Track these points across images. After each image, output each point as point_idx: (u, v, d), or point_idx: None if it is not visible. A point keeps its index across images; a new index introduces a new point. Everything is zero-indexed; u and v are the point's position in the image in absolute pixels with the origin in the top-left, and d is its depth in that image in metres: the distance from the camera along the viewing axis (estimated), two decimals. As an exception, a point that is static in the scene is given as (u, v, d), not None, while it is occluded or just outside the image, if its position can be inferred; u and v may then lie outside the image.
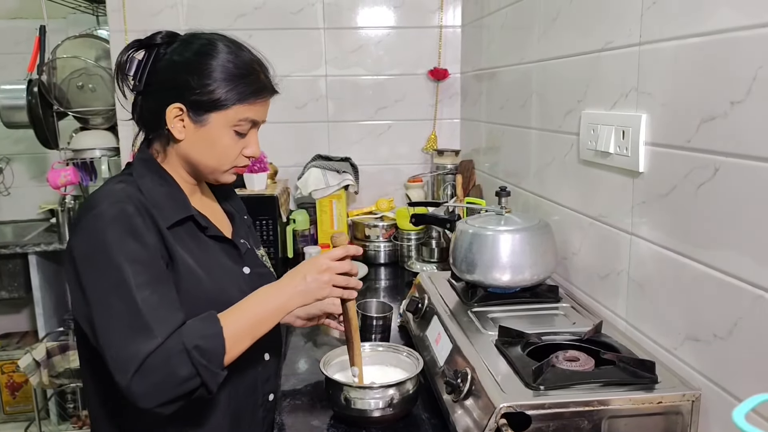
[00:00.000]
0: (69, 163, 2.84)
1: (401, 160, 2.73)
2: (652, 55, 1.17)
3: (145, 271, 1.02)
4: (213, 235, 1.19)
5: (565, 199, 1.58)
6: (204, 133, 1.12)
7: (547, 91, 1.69)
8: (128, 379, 0.95)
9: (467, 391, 1.08)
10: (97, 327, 1.00)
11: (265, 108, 1.18)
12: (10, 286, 3.00)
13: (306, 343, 1.63)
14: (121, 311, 0.98)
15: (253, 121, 1.16)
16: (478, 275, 1.43)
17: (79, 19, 3.17)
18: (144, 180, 1.13)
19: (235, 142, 1.15)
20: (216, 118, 1.12)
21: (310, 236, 2.49)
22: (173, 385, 0.97)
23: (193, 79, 1.10)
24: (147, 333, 0.97)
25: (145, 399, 0.96)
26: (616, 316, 1.34)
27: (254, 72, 1.14)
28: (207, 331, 1.01)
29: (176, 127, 1.12)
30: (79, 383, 2.87)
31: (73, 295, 1.06)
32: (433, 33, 2.64)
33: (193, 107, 1.11)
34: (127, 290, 0.99)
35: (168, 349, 0.97)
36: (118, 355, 0.97)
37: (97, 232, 1.02)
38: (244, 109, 1.13)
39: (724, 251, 1.00)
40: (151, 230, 1.06)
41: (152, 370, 0.96)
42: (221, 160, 1.16)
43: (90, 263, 1.02)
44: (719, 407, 1.01)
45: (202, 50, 1.12)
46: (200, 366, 0.98)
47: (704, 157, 1.03)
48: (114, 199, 1.06)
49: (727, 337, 0.99)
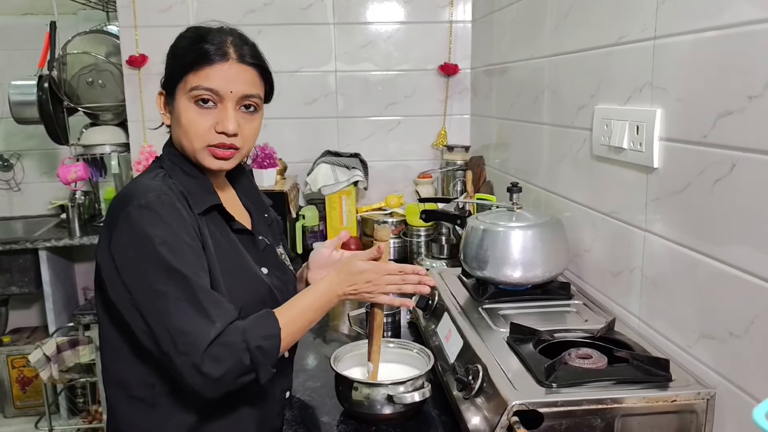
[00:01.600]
0: (79, 159, 2.85)
1: (411, 156, 2.72)
2: (667, 50, 1.16)
3: (194, 258, 1.05)
4: (237, 228, 1.20)
5: (578, 196, 1.57)
6: (175, 111, 1.15)
7: (560, 87, 1.67)
8: (197, 362, 0.97)
9: (478, 389, 1.07)
10: (151, 315, 1.01)
11: (223, 75, 1.12)
12: (20, 282, 3.01)
13: (316, 339, 1.62)
14: (178, 297, 1.00)
15: (209, 89, 1.12)
16: (489, 272, 1.42)
17: (90, 15, 3.17)
18: (174, 171, 1.16)
19: (200, 116, 1.13)
20: (178, 94, 1.14)
21: (320, 232, 2.48)
22: (236, 376, 1.01)
23: (166, 64, 1.18)
24: (207, 318, 1.00)
25: (210, 386, 0.99)
26: (629, 313, 1.32)
27: (201, 40, 1.14)
28: (268, 332, 1.05)
29: (164, 114, 1.19)
30: (89, 378, 2.89)
31: (114, 288, 1.06)
32: (443, 28, 2.63)
33: (166, 90, 1.17)
34: (181, 277, 1.01)
35: (234, 343, 1.00)
36: (181, 340, 0.98)
37: (142, 223, 1.03)
38: (194, 78, 1.12)
39: (741, 248, 0.98)
40: (192, 217, 1.09)
41: (219, 357, 0.98)
42: (190, 137, 1.14)
43: (139, 253, 1.03)
44: (735, 406, 1.00)
45: (176, 37, 1.19)
46: (260, 365, 1.02)
47: (720, 152, 1.01)
48: (155, 190, 1.07)
49: (743, 335, 0.98)
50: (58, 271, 3.10)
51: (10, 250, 2.92)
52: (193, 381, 0.99)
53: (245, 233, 1.23)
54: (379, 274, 1.17)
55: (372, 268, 1.18)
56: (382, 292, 1.18)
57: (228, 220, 1.19)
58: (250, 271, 1.18)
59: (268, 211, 1.36)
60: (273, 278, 1.23)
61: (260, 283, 1.18)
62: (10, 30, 3.32)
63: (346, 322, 1.65)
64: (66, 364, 2.75)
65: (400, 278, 1.19)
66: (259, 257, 1.23)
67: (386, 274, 1.18)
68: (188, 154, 1.17)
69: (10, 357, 3.22)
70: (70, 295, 3.25)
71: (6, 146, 3.43)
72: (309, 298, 1.14)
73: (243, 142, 1.16)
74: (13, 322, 3.37)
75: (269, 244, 1.28)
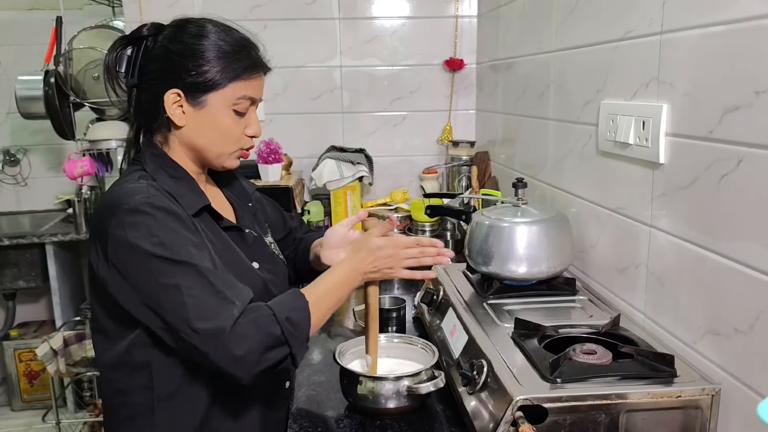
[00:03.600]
0: (85, 154, 2.85)
1: (416, 151, 2.71)
2: (674, 44, 1.15)
3: (196, 249, 1.04)
4: (226, 226, 1.20)
5: (583, 191, 1.57)
6: (204, 115, 1.13)
7: (566, 82, 1.67)
8: (226, 345, 0.96)
9: (483, 384, 1.08)
10: (167, 312, 1.00)
11: (260, 85, 1.17)
12: (27, 276, 3.03)
13: (321, 334, 1.63)
14: (191, 287, 0.99)
15: (250, 98, 1.15)
16: (494, 267, 1.42)
17: (96, 10, 3.18)
18: (159, 174, 1.13)
19: (236, 122, 1.15)
20: (214, 99, 1.12)
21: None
22: (265, 348, 0.99)
23: (187, 63, 1.10)
24: (225, 300, 1.00)
25: (241, 365, 0.98)
26: (634, 309, 1.32)
27: (245, 48, 1.14)
28: (296, 304, 1.05)
29: (176, 114, 1.13)
30: (95, 372, 2.90)
31: (125, 296, 1.04)
32: (448, 23, 2.62)
33: (190, 90, 1.11)
34: (188, 267, 1.00)
35: (259, 317, 1.00)
36: (204, 327, 0.97)
37: (136, 226, 1.01)
38: (240, 87, 1.12)
39: (747, 244, 0.98)
40: (187, 216, 1.09)
41: (246, 333, 0.98)
42: (225, 142, 1.15)
43: (141, 256, 1.00)
44: (740, 402, 0.99)
45: (194, 32, 1.13)
46: (290, 336, 1.01)
47: (727, 148, 1.01)
48: (140, 192, 1.05)
49: (749, 331, 0.97)
50: (65, 265, 3.12)
51: (17, 245, 2.94)
52: (226, 365, 0.98)
53: (233, 230, 1.23)
54: (397, 249, 1.17)
55: (389, 243, 1.17)
56: (403, 267, 1.18)
57: (217, 219, 1.19)
58: (244, 267, 1.18)
59: (251, 200, 1.36)
60: (264, 272, 1.23)
61: (255, 278, 1.18)
62: (16, 25, 3.33)
63: (351, 316, 1.66)
64: (73, 358, 2.77)
65: (418, 251, 1.19)
66: (250, 252, 1.23)
67: (404, 248, 1.18)
68: (209, 158, 1.17)
69: (17, 351, 3.24)
70: (77, 289, 3.27)
71: (13, 141, 3.44)
72: (333, 278, 1.14)
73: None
74: (20, 316, 3.39)
75: (257, 235, 1.28)
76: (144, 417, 1.12)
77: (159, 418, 1.11)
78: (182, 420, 1.12)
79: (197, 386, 1.11)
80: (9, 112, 3.27)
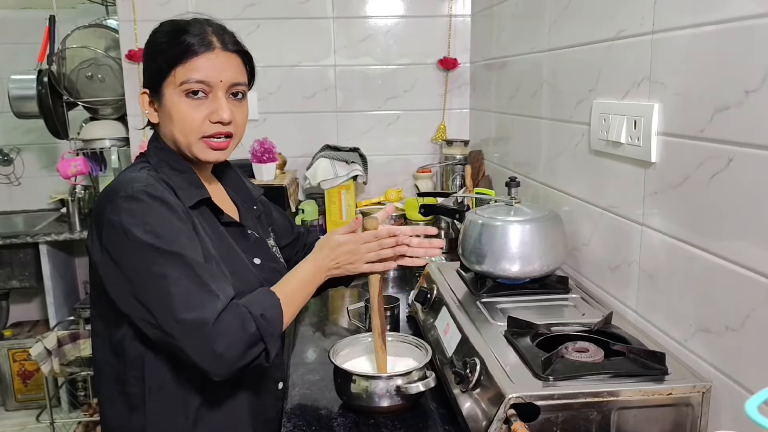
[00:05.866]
0: (79, 153, 2.85)
1: (410, 150, 2.72)
2: (665, 44, 1.16)
3: (187, 240, 1.05)
4: (226, 222, 1.21)
5: (576, 190, 1.57)
6: (165, 107, 1.15)
7: (558, 81, 1.67)
8: (208, 338, 0.98)
9: (476, 382, 1.08)
10: (152, 300, 1.01)
11: (212, 65, 1.13)
12: (21, 276, 3.02)
13: (315, 333, 1.63)
14: (178, 277, 1.00)
15: (199, 81, 1.12)
16: (487, 266, 1.42)
17: (89, 9, 3.17)
18: (161, 166, 1.16)
19: (193, 108, 1.13)
20: (166, 89, 1.13)
21: (319, 227, 2.49)
22: (245, 347, 1.01)
23: (145, 62, 1.17)
24: (210, 293, 1.01)
25: (219, 361, 0.99)
26: (626, 307, 1.33)
27: (182, 33, 1.14)
28: (268, 302, 1.07)
29: (150, 113, 1.18)
30: (89, 371, 2.89)
31: (113, 281, 1.06)
32: (442, 22, 2.63)
33: (151, 88, 1.16)
34: (177, 257, 1.02)
35: (238, 314, 1.01)
36: (188, 318, 0.98)
37: (132, 212, 1.03)
38: (183, 70, 1.12)
39: (738, 242, 0.98)
40: (182, 207, 1.10)
41: (227, 330, 0.99)
42: (185, 130, 1.14)
43: (133, 242, 1.02)
44: (730, 399, 1.00)
45: (150, 34, 1.18)
46: (265, 332, 1.03)
47: (718, 147, 1.02)
48: (140, 181, 1.08)
49: (740, 329, 0.98)
50: (59, 265, 3.11)
51: (11, 245, 2.93)
52: (204, 359, 0.99)
53: (234, 225, 1.23)
54: (357, 244, 1.19)
55: (349, 240, 1.19)
56: (365, 261, 1.19)
57: (217, 213, 1.20)
58: (240, 262, 1.18)
59: (256, 203, 1.37)
60: (265, 268, 1.24)
61: (251, 274, 1.19)
62: (9, 24, 3.32)
63: (345, 315, 1.66)
64: (67, 358, 2.76)
65: (377, 244, 1.20)
66: (251, 248, 1.24)
67: (363, 243, 1.19)
68: (183, 149, 1.16)
69: (11, 351, 3.23)
70: (71, 288, 3.26)
71: (6, 140, 3.43)
72: (300, 276, 1.16)
73: (236, 129, 1.18)
74: (14, 315, 3.38)
75: (259, 236, 1.29)
76: (138, 409, 1.13)
77: (150, 409, 1.12)
78: (174, 414, 1.12)
79: (186, 380, 1.12)
80: (2, 112, 3.25)
